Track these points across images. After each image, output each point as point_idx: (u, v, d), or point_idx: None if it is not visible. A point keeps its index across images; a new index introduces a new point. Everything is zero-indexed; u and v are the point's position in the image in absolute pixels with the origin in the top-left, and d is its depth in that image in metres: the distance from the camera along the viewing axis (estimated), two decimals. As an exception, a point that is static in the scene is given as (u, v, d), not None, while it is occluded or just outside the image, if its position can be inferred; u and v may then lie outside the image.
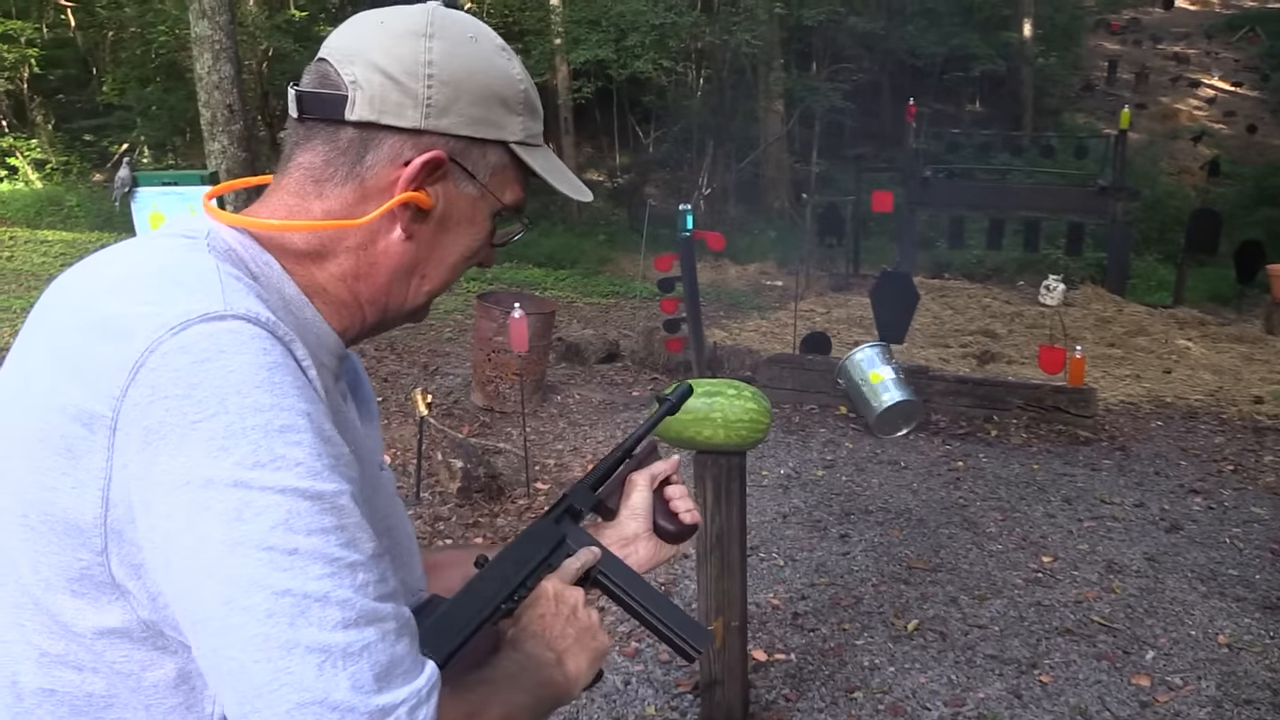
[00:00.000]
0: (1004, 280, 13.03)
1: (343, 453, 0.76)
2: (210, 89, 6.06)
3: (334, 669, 0.70)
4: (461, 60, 0.89)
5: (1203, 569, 4.34)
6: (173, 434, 0.70)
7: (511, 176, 0.95)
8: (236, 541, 0.69)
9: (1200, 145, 21.44)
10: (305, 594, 0.70)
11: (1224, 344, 9.13)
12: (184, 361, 0.71)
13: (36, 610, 0.78)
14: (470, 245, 0.95)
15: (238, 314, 0.74)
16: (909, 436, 6.25)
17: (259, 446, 0.71)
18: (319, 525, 0.71)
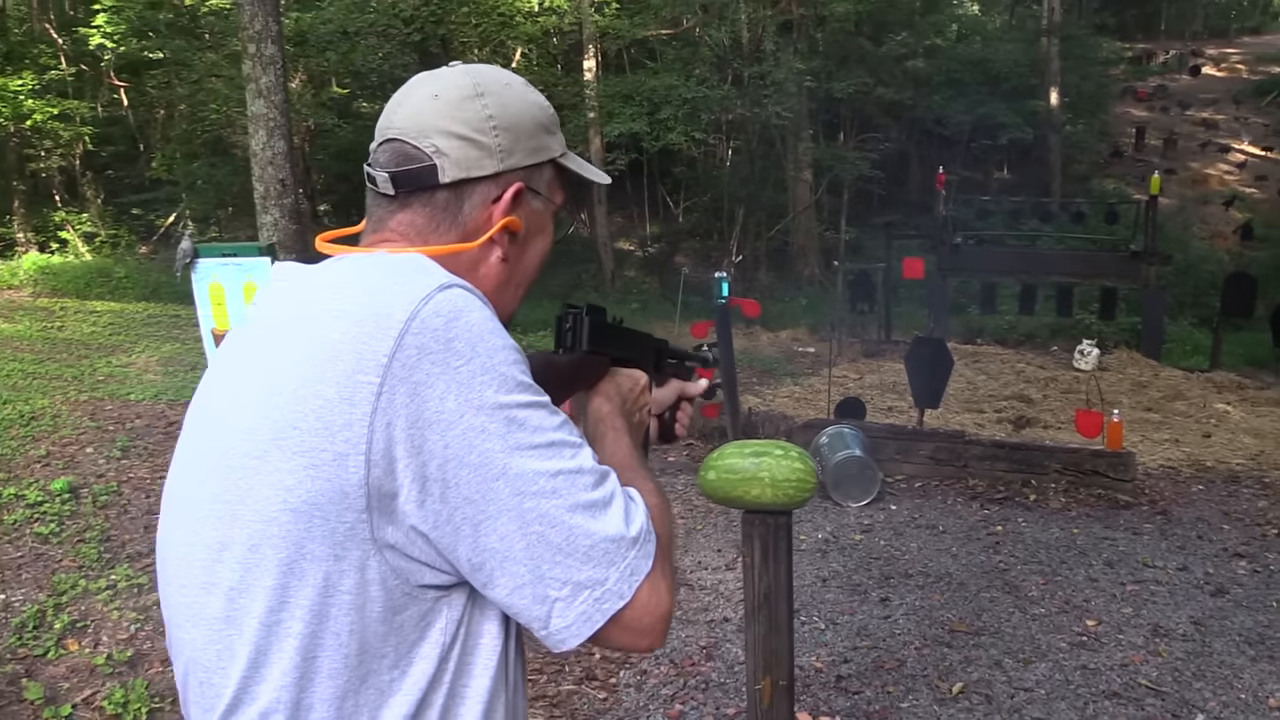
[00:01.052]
0: (1037, 345, 13.03)
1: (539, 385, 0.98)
2: (264, 164, 6.31)
3: (604, 514, 0.95)
4: (510, 106, 1.08)
5: (1250, 632, 4.31)
6: (440, 380, 0.89)
7: (559, 183, 1.15)
8: (513, 447, 0.90)
9: (1232, 209, 21.45)
10: (569, 470, 0.93)
11: (1263, 407, 9.07)
12: (439, 322, 0.91)
13: (302, 584, 0.91)
14: (545, 248, 1.15)
15: (458, 284, 0.95)
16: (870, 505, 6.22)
17: (505, 377, 0.92)
18: (554, 423, 0.94)
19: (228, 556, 0.93)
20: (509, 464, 0.90)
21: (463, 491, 0.89)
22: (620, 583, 0.94)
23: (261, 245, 4.89)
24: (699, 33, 17.37)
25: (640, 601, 0.95)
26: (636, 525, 0.97)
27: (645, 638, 0.97)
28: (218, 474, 0.95)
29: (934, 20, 23.59)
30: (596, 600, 0.93)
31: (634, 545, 0.95)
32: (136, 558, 5.13)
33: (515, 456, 0.90)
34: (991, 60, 22.28)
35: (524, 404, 0.92)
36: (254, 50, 6.32)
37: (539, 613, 0.93)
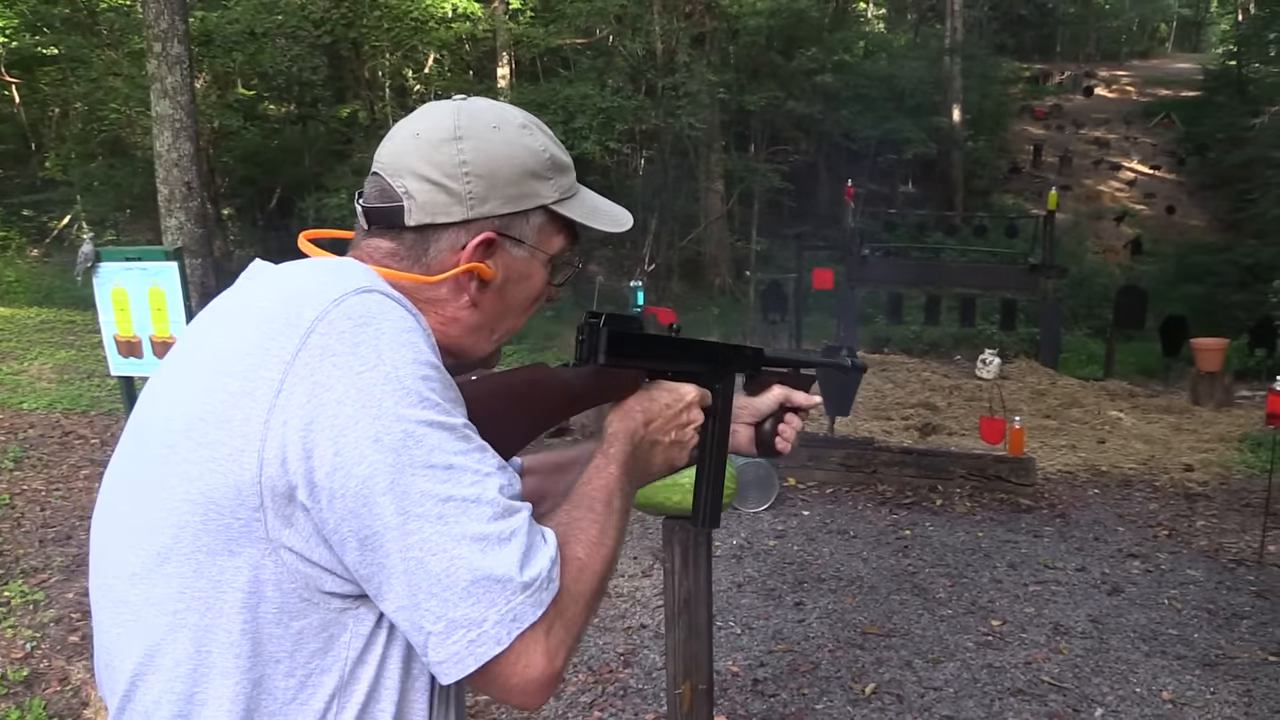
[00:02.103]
0: (941, 354, 13.39)
1: (459, 396, 0.94)
2: (169, 166, 6.14)
3: (494, 552, 0.88)
4: (490, 151, 1.03)
5: (1144, 629, 4.50)
6: (339, 384, 0.86)
7: (555, 229, 1.10)
8: (405, 464, 0.86)
9: (1123, 225, 22.37)
10: (464, 498, 0.87)
11: (1153, 414, 9.47)
12: (348, 325, 0.89)
13: (197, 576, 0.89)
14: (531, 295, 1.11)
15: (381, 290, 0.93)
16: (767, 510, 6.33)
17: (409, 390, 0.88)
18: (460, 448, 0.89)
19: (136, 542, 0.93)
20: (397, 480, 0.85)
21: (348, 503, 0.86)
22: (498, 627, 0.87)
23: (168, 249, 4.77)
24: (613, 43, 17.45)
25: (517, 653, 0.88)
26: (534, 570, 0.89)
27: (518, 696, 0.90)
28: (139, 461, 0.96)
29: (842, 37, 24.08)
30: (471, 642, 0.87)
31: (523, 590, 0.88)
32: (31, 573, 4.93)
33: (405, 474, 0.86)
34: (897, 77, 22.84)
35: (426, 421, 0.87)
36: (159, 49, 6.15)
37: (417, 640, 0.89)
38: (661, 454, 1.16)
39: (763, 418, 1.38)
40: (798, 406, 1.40)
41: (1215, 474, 7.35)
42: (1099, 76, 34.71)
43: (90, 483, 6.40)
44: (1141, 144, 28.03)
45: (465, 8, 15.06)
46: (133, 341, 4.69)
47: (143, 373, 4.82)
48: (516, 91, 16.22)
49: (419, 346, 0.91)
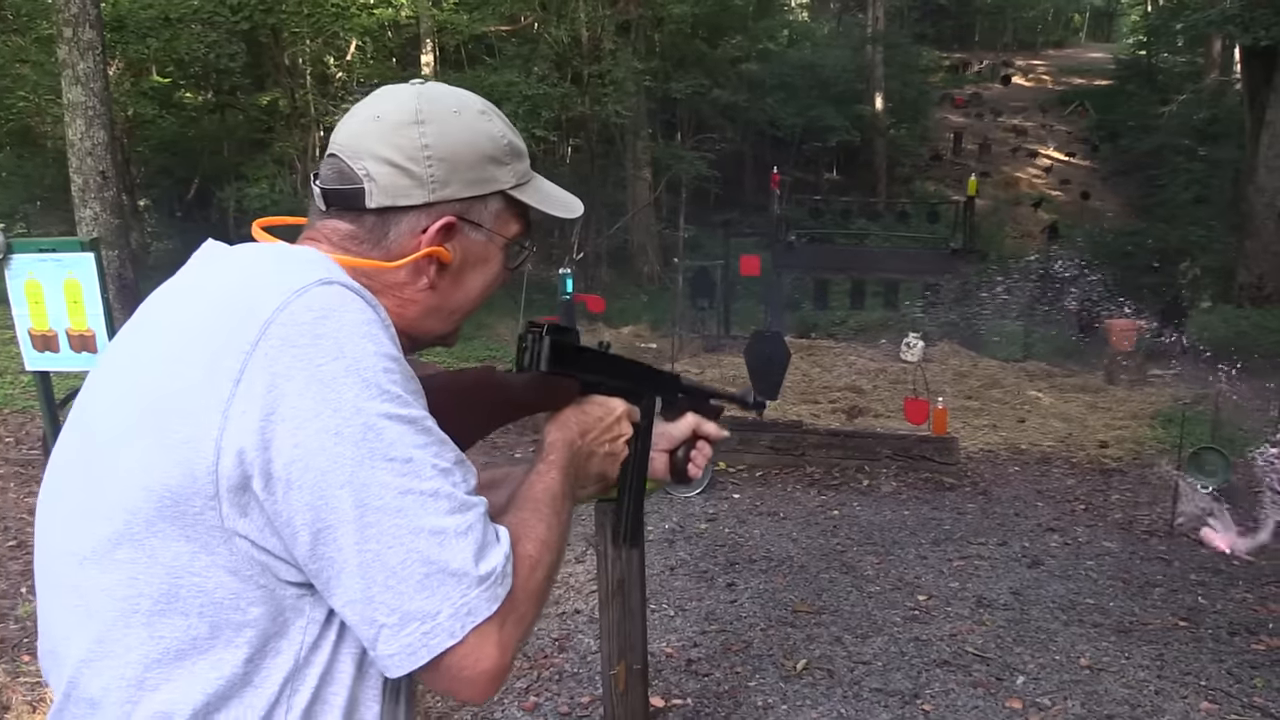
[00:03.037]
0: (867, 339, 13.59)
1: (420, 389, 0.95)
2: (83, 155, 5.95)
3: (450, 545, 0.89)
4: (452, 136, 1.05)
5: (1063, 599, 4.66)
6: (300, 376, 0.87)
7: (512, 214, 1.11)
8: (365, 456, 0.86)
9: (1040, 211, 22.91)
10: (422, 491, 0.88)
11: (1070, 394, 9.76)
12: (309, 316, 0.89)
13: (151, 562, 0.89)
14: (488, 279, 1.12)
15: (342, 282, 0.93)
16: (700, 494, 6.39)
17: (370, 382, 0.88)
18: (420, 441, 0.90)
19: (86, 528, 0.93)
20: (356, 473, 0.86)
21: (305, 495, 0.86)
22: (453, 620, 0.88)
23: (84, 240, 4.63)
24: (537, 30, 17.34)
25: (470, 646, 0.89)
26: (488, 564, 0.91)
27: (467, 689, 0.92)
28: (89, 445, 0.95)
29: (766, 25, 24.25)
30: (425, 634, 0.87)
31: (478, 584, 0.89)
32: (-56, 575, 4.79)
33: (365, 466, 0.86)
34: (820, 65, 23.09)
35: (387, 414, 0.88)
36: (70, 35, 5.96)
37: (367, 634, 0.89)
38: (597, 464, 1.19)
39: (677, 444, 1.41)
40: (708, 436, 1.44)
41: (1129, 450, 7.61)
42: (1016, 66, 35.45)
43: (4, 481, 6.21)
44: (1057, 131, 28.75)
45: (388, -7, 14.86)
46: (48, 335, 4.56)
47: (59, 367, 4.69)
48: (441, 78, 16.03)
49: (380, 339, 0.91)
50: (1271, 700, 3.68)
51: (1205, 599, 4.70)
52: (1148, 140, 22.75)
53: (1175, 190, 19.36)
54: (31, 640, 4.20)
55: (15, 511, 5.73)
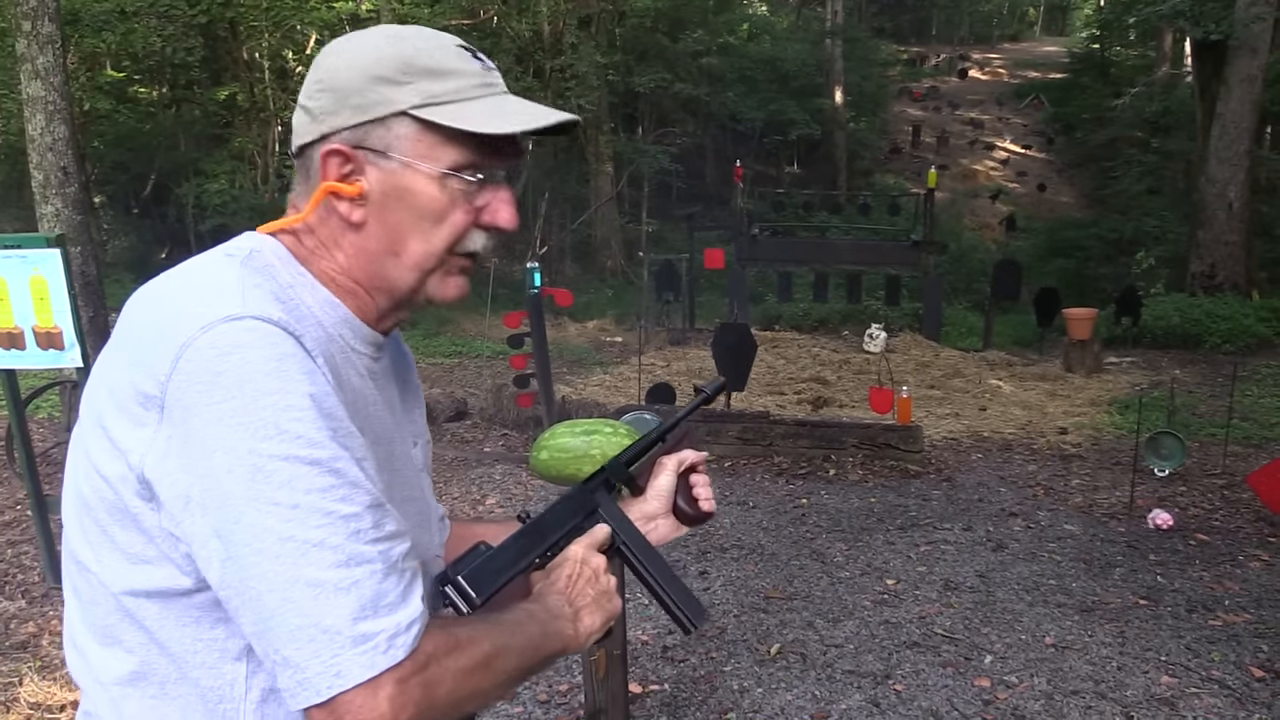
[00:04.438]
0: (830, 330, 13.75)
1: (344, 426, 0.90)
2: (43, 151, 5.88)
3: (326, 600, 0.84)
4: (341, 64, 1.00)
5: (1027, 581, 4.77)
6: (202, 412, 0.86)
7: (440, 138, 0.99)
8: (252, 498, 0.85)
9: (997, 202, 23.24)
10: (305, 540, 0.85)
11: (1030, 382, 9.94)
12: (211, 354, 0.86)
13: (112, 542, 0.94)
14: (430, 212, 1.01)
15: (253, 314, 0.88)
16: None
17: (267, 423, 0.85)
18: (317, 485, 0.86)
19: (66, 512, 0.99)
20: (244, 513, 0.85)
21: (202, 531, 0.87)
22: (320, 678, 0.84)
23: (50, 236, 4.59)
24: (498, 24, 17.30)
25: (360, 696, 0.84)
26: (375, 625, 0.86)
27: None
28: (75, 435, 1.00)
29: (726, 19, 24.37)
30: (298, 683, 0.85)
31: (353, 644, 0.84)
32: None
33: (252, 508, 0.85)
34: (780, 59, 23.27)
35: (280, 455, 0.85)
36: (29, 28, 5.88)
37: (266, 662, 0.89)
38: (589, 615, 1.12)
39: (671, 500, 1.34)
40: (693, 466, 1.36)
41: (1088, 436, 7.78)
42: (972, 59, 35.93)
43: (-33, 482, 6.13)
44: (1013, 124, 29.16)
45: (347, -14, 14.76)
46: (14, 333, 4.51)
47: (25, 365, 4.65)
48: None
49: (288, 375, 0.87)
50: (1228, 673, 3.81)
51: (1164, 578, 4.82)
52: (1102, 133, 23.15)
53: (1129, 182, 19.72)
54: (1, 640, 4.17)
55: (-21, 512, 5.66)
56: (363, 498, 0.88)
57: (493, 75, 1.03)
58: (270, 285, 0.95)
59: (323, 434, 0.87)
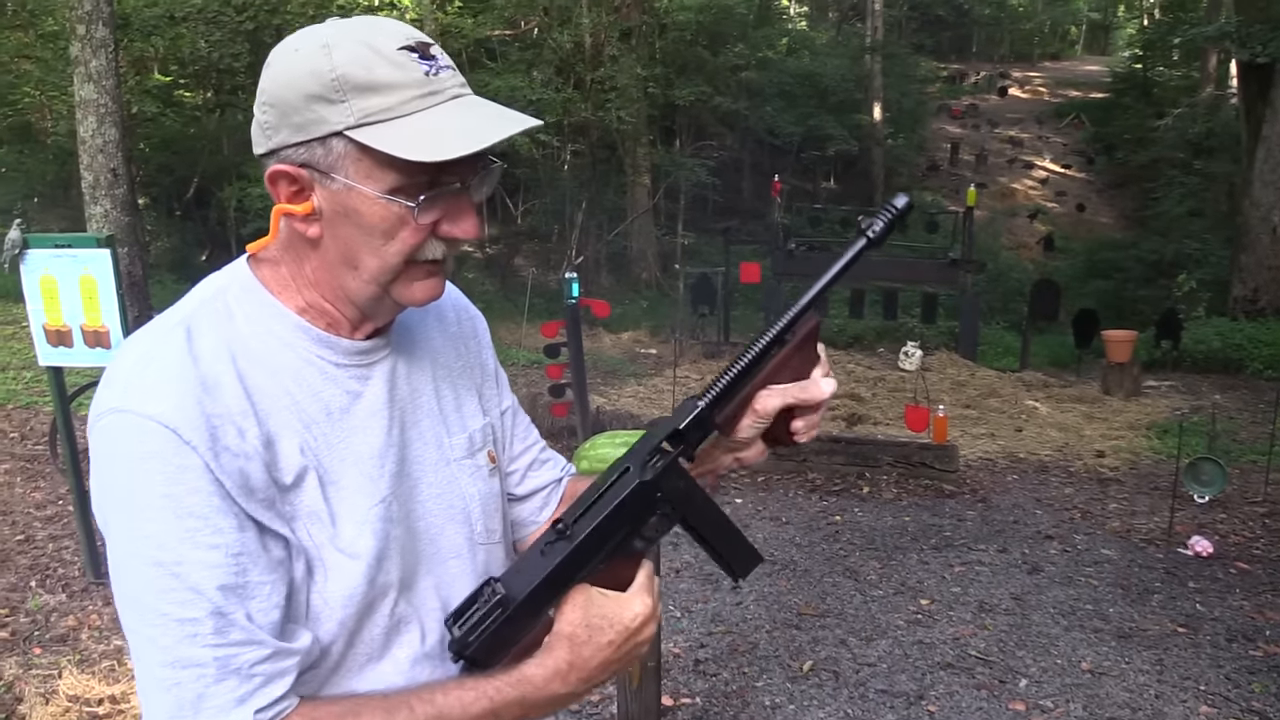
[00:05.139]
0: (865, 347, 13.68)
1: (210, 524, 0.91)
2: (94, 152, 5.99)
3: (152, 694, 0.92)
4: (282, 77, 0.96)
5: (1063, 605, 4.72)
6: (95, 490, 0.96)
7: (376, 161, 0.94)
8: (116, 586, 0.95)
9: (1035, 222, 23.07)
10: (144, 635, 0.92)
11: (1067, 404, 9.83)
12: (97, 446, 0.94)
13: None
14: (378, 232, 0.97)
15: (133, 409, 0.91)
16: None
17: (124, 520, 0.93)
18: (159, 587, 0.91)
19: None
20: (117, 590, 0.95)
21: None
22: None
23: (100, 236, 4.67)
24: (538, 35, 17.43)
25: None
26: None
27: None
28: None
29: (766, 34, 24.42)
30: None
31: None
32: (-45, 567, 4.81)
33: (117, 594, 0.95)
34: (819, 74, 23.24)
35: (131, 553, 0.91)
36: (84, 32, 6.00)
37: None
38: (601, 677, 1.04)
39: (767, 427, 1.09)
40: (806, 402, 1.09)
41: (1125, 460, 7.68)
42: (1013, 77, 35.71)
43: (11, 477, 6.23)
44: (1053, 143, 28.94)
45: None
46: (62, 330, 4.60)
47: (73, 363, 4.73)
48: (444, 82, 16.10)
49: (148, 476, 0.90)
50: (1270, 705, 3.75)
51: (1203, 606, 4.76)
52: (1143, 153, 22.93)
53: (1170, 203, 19.51)
54: (43, 634, 4.23)
55: (22, 506, 5.76)
56: (201, 604, 0.90)
57: (439, 79, 0.96)
58: (207, 340, 0.97)
59: (171, 536, 0.90)
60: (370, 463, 1.03)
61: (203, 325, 0.98)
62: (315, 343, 1.03)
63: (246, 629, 0.92)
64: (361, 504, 1.01)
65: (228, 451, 0.92)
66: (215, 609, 0.90)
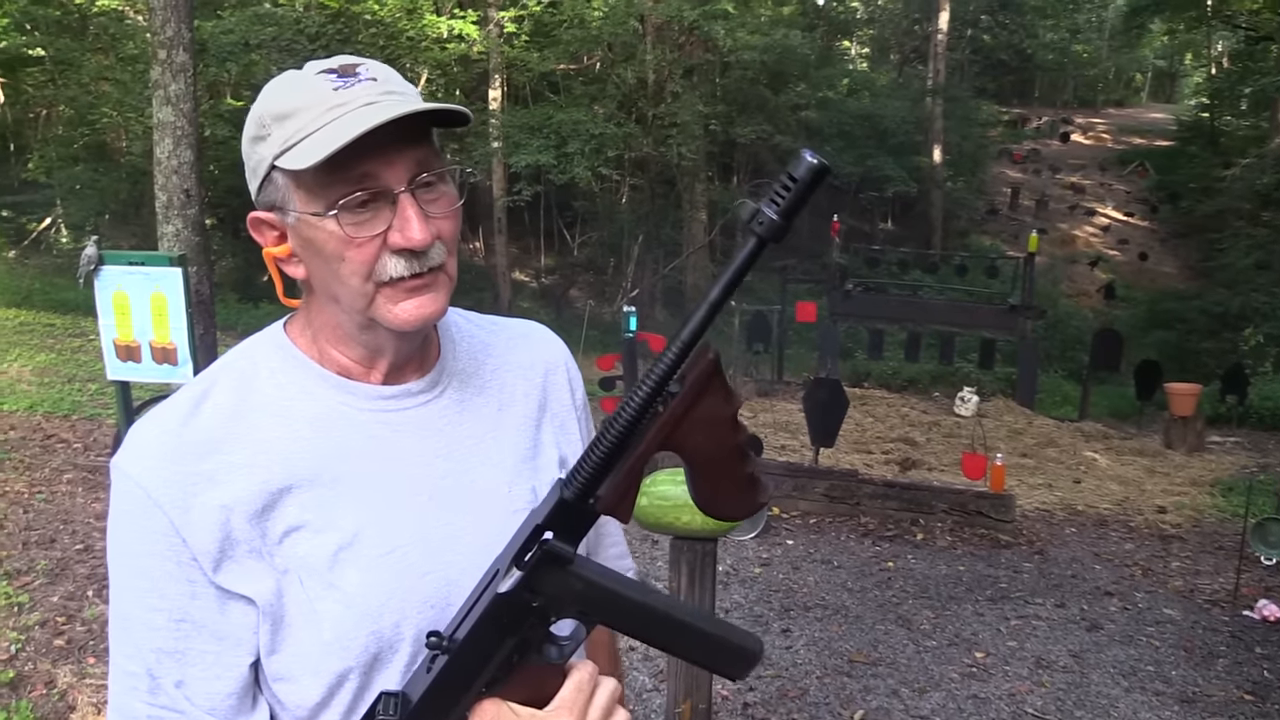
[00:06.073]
0: (920, 390, 13.53)
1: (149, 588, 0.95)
2: (169, 173, 6.14)
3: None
4: (244, 132, 0.99)
5: (1123, 665, 4.59)
6: None
7: (306, 183, 0.94)
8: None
9: (1096, 270, 22.73)
10: (112, 688, 0.98)
11: (1127, 456, 9.63)
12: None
13: None
14: (335, 256, 0.95)
15: (120, 465, 0.97)
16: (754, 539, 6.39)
17: (111, 576, 0.99)
18: (115, 634, 0.98)
19: None
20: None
21: None
22: None
23: (172, 255, 4.77)
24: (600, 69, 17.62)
25: None
26: None
27: None
28: None
29: (827, 74, 24.43)
30: None
31: None
32: (15, 575, 4.90)
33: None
34: (879, 115, 23.18)
35: (111, 605, 0.99)
36: (164, 56, 6.17)
37: None
38: None
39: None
40: None
41: (1188, 516, 7.48)
42: (1075, 123, 35.34)
43: (73, 487, 6.35)
44: (1116, 190, 28.56)
45: (461, 29, 15.18)
46: (132, 346, 4.69)
47: (140, 378, 4.82)
48: (508, 114, 16.33)
49: (121, 532, 0.97)
50: (1343, 782, 3.60)
51: (1271, 673, 4.60)
52: (1209, 203, 22.53)
53: (1237, 255, 19.12)
54: (98, 643, 4.29)
55: (83, 516, 5.85)
56: (140, 662, 0.95)
57: (351, 92, 0.93)
58: (222, 398, 1.00)
59: (126, 591, 0.96)
60: (386, 510, 1.00)
61: (223, 384, 1.01)
62: (336, 389, 1.02)
63: (171, 696, 0.95)
64: (368, 552, 0.98)
65: (204, 508, 0.94)
66: (148, 669, 0.95)
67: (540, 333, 1.22)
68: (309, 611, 0.96)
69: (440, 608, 0.99)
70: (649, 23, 16.65)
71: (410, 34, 15.05)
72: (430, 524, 1.02)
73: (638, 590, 0.89)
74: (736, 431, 0.86)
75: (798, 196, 0.79)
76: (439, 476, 1.04)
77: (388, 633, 0.97)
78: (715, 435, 0.85)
